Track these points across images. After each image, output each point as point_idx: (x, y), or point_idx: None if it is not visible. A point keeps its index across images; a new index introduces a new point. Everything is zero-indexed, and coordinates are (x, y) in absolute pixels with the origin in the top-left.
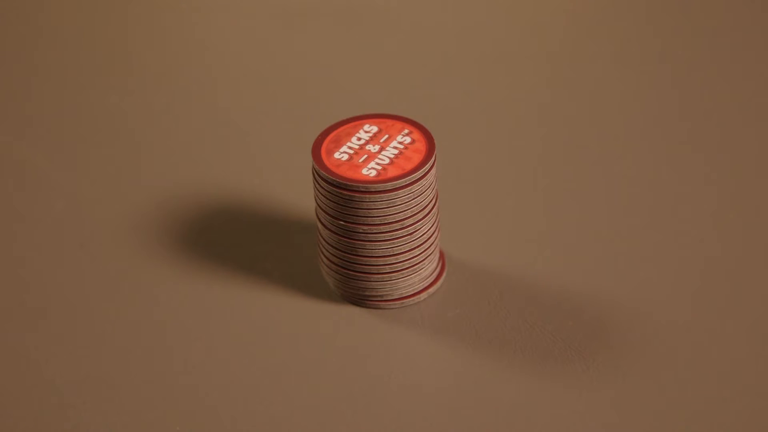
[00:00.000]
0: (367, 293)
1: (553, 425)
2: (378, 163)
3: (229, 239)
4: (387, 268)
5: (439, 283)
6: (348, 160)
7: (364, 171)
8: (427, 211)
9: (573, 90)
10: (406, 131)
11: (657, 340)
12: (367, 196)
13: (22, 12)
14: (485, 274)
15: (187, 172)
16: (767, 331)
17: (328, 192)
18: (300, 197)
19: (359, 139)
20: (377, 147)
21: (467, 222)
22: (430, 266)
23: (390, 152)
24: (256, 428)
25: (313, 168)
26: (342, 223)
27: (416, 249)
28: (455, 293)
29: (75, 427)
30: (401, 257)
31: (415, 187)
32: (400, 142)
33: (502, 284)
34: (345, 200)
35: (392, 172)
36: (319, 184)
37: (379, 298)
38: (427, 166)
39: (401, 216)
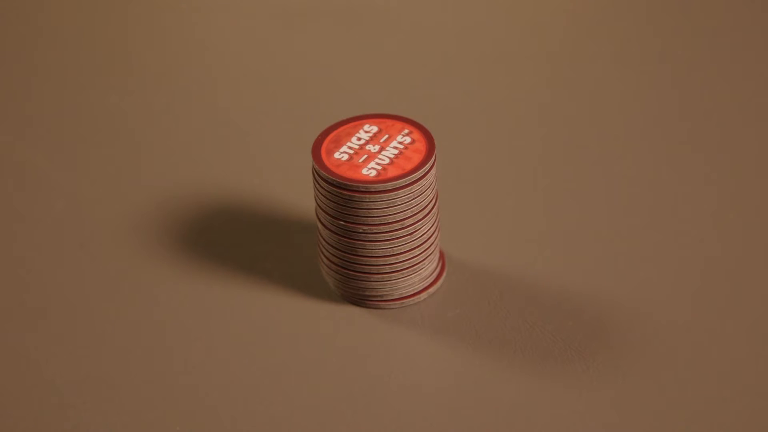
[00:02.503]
0: (367, 293)
1: (553, 425)
2: (378, 163)
3: (229, 239)
4: (387, 268)
5: (439, 283)
6: (348, 160)
7: (364, 171)
8: (427, 211)
9: (573, 90)
10: (406, 131)
11: (657, 340)
12: (367, 196)
13: (22, 12)
14: (485, 274)
15: (187, 172)
16: (767, 331)
17: (328, 192)
18: (300, 197)
19: (359, 139)
20: (377, 147)
21: (467, 222)
22: (430, 266)
23: (390, 152)
24: (256, 428)
25: (313, 168)
26: (342, 223)
27: (416, 249)
28: (455, 293)
29: (75, 427)
30: (401, 257)
31: (415, 187)
32: (400, 142)
33: (502, 284)
34: (345, 200)
35: (392, 172)
36: (319, 184)
37: (379, 298)
38: (427, 166)
39: (401, 216)
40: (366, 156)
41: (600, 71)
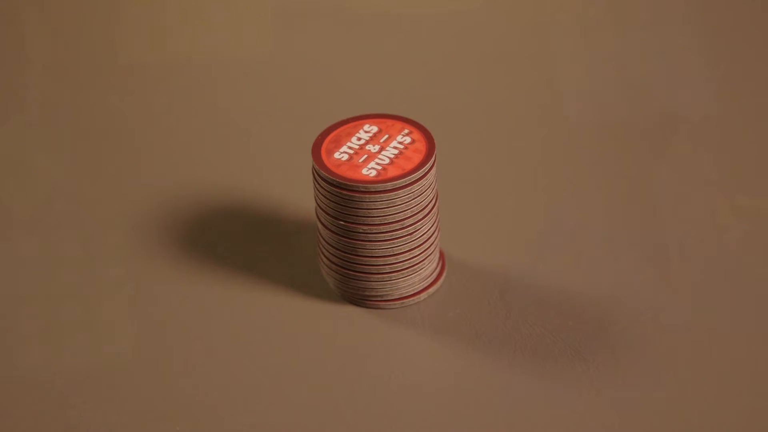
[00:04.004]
0: (367, 293)
1: (553, 425)
2: (378, 163)
3: (229, 239)
4: (387, 268)
5: (439, 283)
6: (348, 160)
7: (364, 171)
8: (427, 211)
9: (573, 90)
10: (406, 131)
11: (657, 340)
12: (367, 196)
13: (22, 12)
14: (485, 274)
15: (187, 172)
16: (767, 331)
17: (328, 192)
18: (300, 197)
19: (359, 139)
20: (377, 147)
21: (467, 222)
22: (430, 266)
23: (390, 152)
24: (256, 428)
25: (313, 168)
26: (342, 223)
27: (416, 249)
28: (455, 293)
29: (75, 427)
30: (401, 257)
31: (415, 187)
32: (400, 142)
33: (502, 284)
34: (345, 200)
35: (392, 172)
36: (319, 184)
37: (379, 298)
38: (427, 166)
39: (401, 216)
40: (366, 156)
41: (600, 71)
